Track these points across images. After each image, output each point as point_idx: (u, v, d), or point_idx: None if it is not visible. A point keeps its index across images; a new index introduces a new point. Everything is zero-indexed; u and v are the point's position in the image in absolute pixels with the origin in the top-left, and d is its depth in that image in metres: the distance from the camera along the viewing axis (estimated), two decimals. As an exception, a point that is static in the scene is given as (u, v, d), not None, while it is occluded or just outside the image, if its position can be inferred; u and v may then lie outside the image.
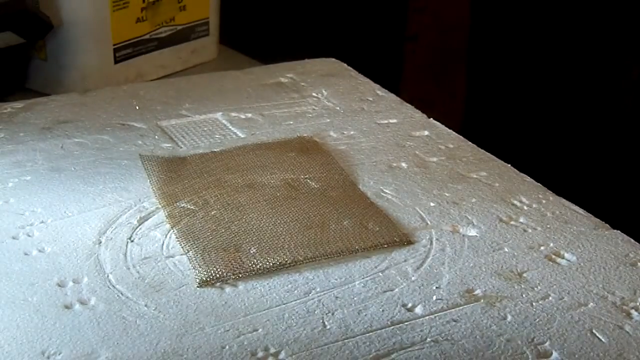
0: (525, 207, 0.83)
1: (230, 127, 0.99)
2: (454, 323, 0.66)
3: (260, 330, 0.65)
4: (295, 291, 0.69)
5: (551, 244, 0.77)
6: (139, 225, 0.78)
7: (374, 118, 1.02)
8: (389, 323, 0.66)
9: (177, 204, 0.81)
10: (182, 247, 0.75)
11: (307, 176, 0.86)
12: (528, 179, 0.88)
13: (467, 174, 0.89)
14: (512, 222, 0.80)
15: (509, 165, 0.91)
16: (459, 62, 0.93)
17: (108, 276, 0.71)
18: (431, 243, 0.77)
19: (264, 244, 0.75)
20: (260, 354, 0.62)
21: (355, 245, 0.75)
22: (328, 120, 1.01)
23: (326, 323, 0.66)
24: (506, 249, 0.76)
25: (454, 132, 0.98)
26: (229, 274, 0.71)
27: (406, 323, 0.66)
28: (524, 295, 0.70)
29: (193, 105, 1.04)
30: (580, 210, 0.82)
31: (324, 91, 1.09)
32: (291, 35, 1.85)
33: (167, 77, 1.28)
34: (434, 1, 2.05)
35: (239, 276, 0.71)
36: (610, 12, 0.98)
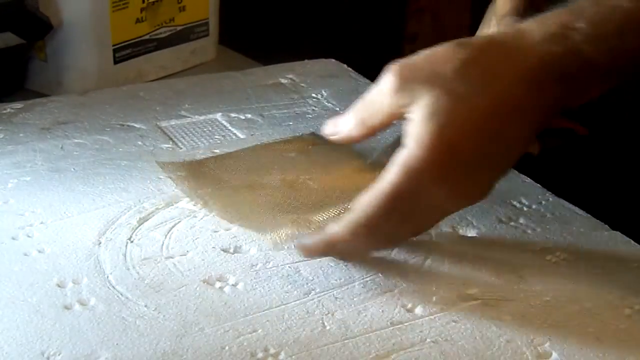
0: (524, 208, 0.83)
1: (230, 127, 0.99)
2: (453, 324, 0.66)
3: (260, 331, 0.65)
4: (295, 292, 0.70)
5: (550, 245, 0.77)
6: (139, 226, 0.78)
7: (374, 119, 1.01)
8: (388, 324, 0.66)
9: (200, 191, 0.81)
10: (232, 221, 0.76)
11: (307, 177, 0.86)
12: (528, 179, 0.88)
13: (466, 174, 0.89)
14: (512, 223, 0.80)
15: (509, 166, 0.91)
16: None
17: (108, 277, 0.71)
18: (431, 244, 0.76)
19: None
20: (260, 355, 0.62)
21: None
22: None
23: (326, 324, 0.66)
24: (506, 250, 0.76)
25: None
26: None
27: (406, 324, 0.66)
28: (523, 296, 0.70)
29: (193, 106, 1.04)
30: (580, 211, 0.82)
31: (323, 92, 1.09)
32: (290, 36, 1.85)
33: (167, 78, 1.28)
34: (433, 2, 2.06)
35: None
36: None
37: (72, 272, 0.71)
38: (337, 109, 1.04)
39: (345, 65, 1.18)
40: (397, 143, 0.77)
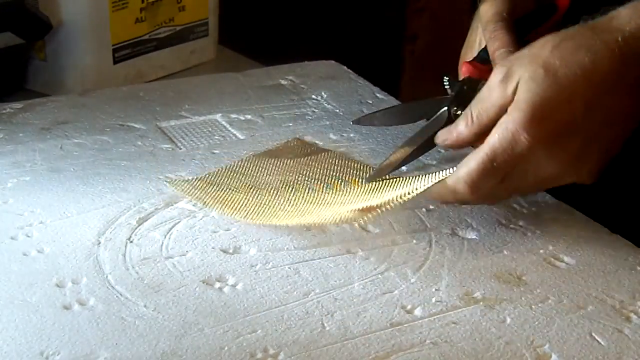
0: (524, 211, 0.83)
1: (229, 128, 0.99)
2: (453, 325, 0.66)
3: (259, 331, 0.65)
4: (295, 292, 0.69)
5: (550, 247, 0.77)
6: (138, 226, 0.78)
7: (374, 121, 1.01)
8: (388, 325, 0.66)
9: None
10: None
11: (307, 178, 0.86)
12: (527, 182, 0.88)
13: (466, 176, 0.89)
14: (512, 225, 0.80)
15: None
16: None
17: (107, 277, 0.71)
18: (430, 245, 0.77)
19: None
20: (259, 355, 0.62)
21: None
22: (328, 123, 1.01)
23: (325, 324, 0.66)
24: (505, 252, 0.76)
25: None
26: None
27: (405, 325, 0.66)
28: (523, 298, 0.70)
29: (193, 106, 1.04)
30: (580, 214, 0.82)
31: (323, 93, 1.09)
32: (290, 36, 1.85)
33: (166, 78, 1.28)
34: (433, 2, 2.05)
35: None
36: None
37: (72, 272, 0.71)
38: (337, 110, 1.04)
39: (345, 67, 1.18)
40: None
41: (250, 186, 0.85)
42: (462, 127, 0.76)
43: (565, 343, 0.64)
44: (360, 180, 0.85)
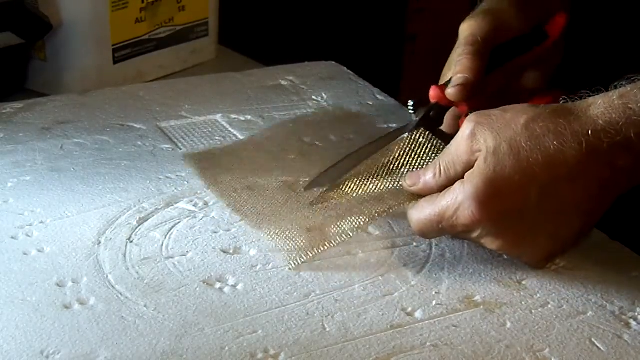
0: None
1: (229, 128, 0.99)
2: (453, 328, 0.66)
3: (260, 331, 0.65)
4: (295, 293, 0.70)
5: (550, 251, 0.77)
6: (139, 225, 0.78)
7: (374, 122, 1.02)
8: (388, 327, 0.66)
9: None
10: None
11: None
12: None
13: (466, 179, 0.89)
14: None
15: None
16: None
17: (107, 276, 0.71)
18: (431, 248, 0.77)
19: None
20: (259, 356, 0.62)
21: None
22: (328, 124, 1.01)
23: (326, 325, 0.66)
24: (506, 256, 0.75)
25: (453, 137, 0.98)
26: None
27: (406, 327, 0.66)
28: (523, 303, 0.70)
29: (193, 106, 1.04)
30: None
31: (323, 94, 1.09)
32: (291, 37, 1.85)
33: (166, 78, 1.28)
34: (433, 2, 2.06)
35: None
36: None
37: (72, 271, 0.71)
38: (337, 111, 1.04)
39: (345, 68, 1.18)
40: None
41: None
42: (429, 177, 0.75)
43: (565, 348, 0.65)
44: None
